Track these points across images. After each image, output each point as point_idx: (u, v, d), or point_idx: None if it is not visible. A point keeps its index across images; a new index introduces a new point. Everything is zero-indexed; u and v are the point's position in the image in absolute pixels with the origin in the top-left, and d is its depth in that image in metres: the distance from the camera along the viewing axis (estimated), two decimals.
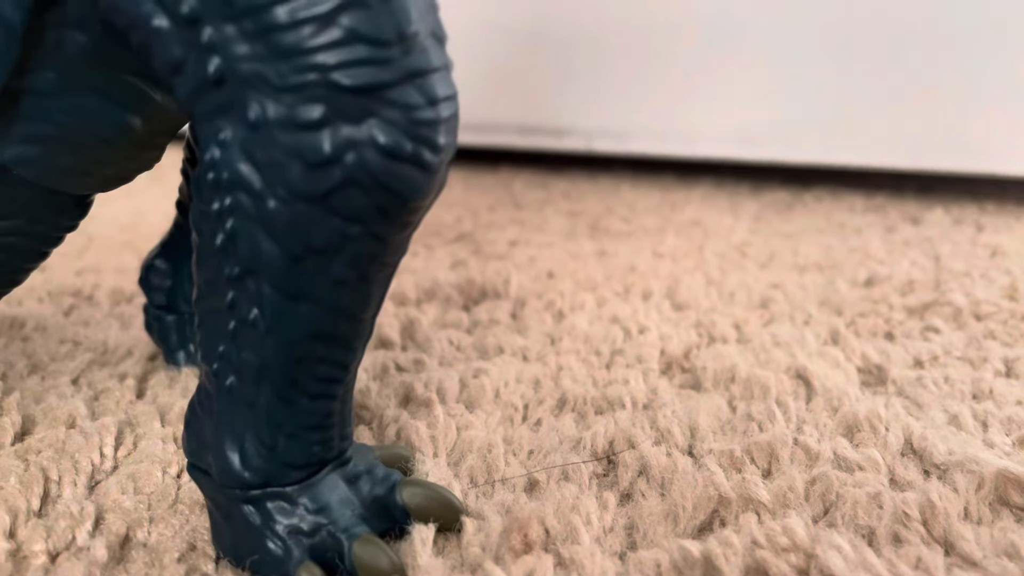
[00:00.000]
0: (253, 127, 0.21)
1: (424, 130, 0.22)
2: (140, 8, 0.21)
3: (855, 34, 0.64)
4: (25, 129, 0.27)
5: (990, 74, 0.62)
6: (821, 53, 0.66)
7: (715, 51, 0.69)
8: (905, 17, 0.63)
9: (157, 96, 0.27)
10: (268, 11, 0.20)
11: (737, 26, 0.67)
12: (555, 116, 0.74)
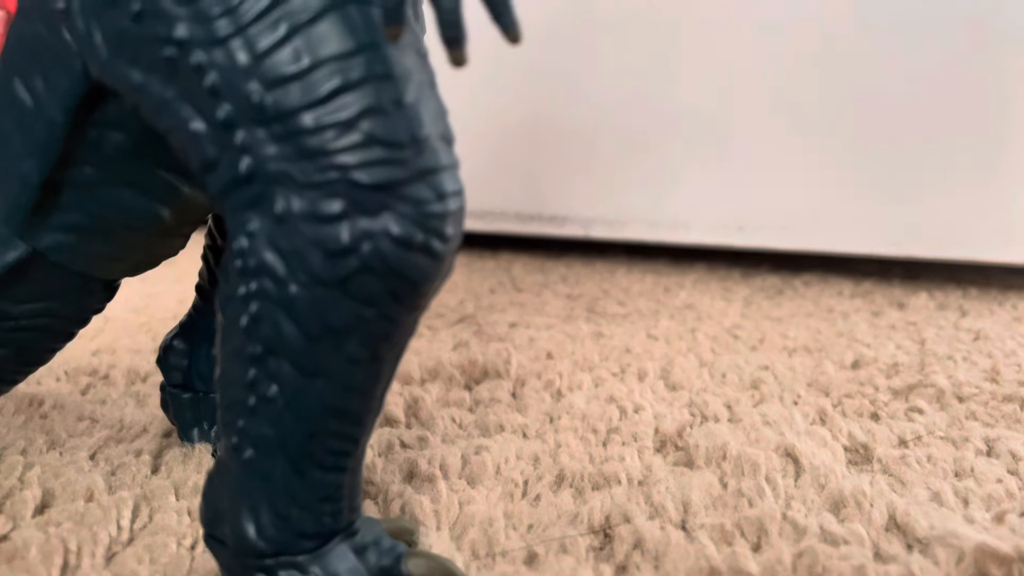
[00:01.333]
0: (279, 219, 0.23)
1: (433, 222, 0.24)
2: (181, 114, 0.24)
3: (842, 128, 0.68)
4: (63, 219, 0.29)
5: (972, 165, 0.65)
6: (809, 145, 0.69)
7: (706, 143, 0.72)
8: (890, 111, 0.66)
9: (185, 189, 0.30)
10: (296, 117, 0.23)
11: (728, 119, 0.71)
12: (553, 204, 0.76)
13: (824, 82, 0.67)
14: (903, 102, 0.66)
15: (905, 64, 0.65)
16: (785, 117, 0.69)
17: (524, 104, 0.74)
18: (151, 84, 0.24)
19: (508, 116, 0.74)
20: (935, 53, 0.64)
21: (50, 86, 0.27)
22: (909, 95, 0.65)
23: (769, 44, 0.68)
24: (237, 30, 0.23)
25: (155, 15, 0.23)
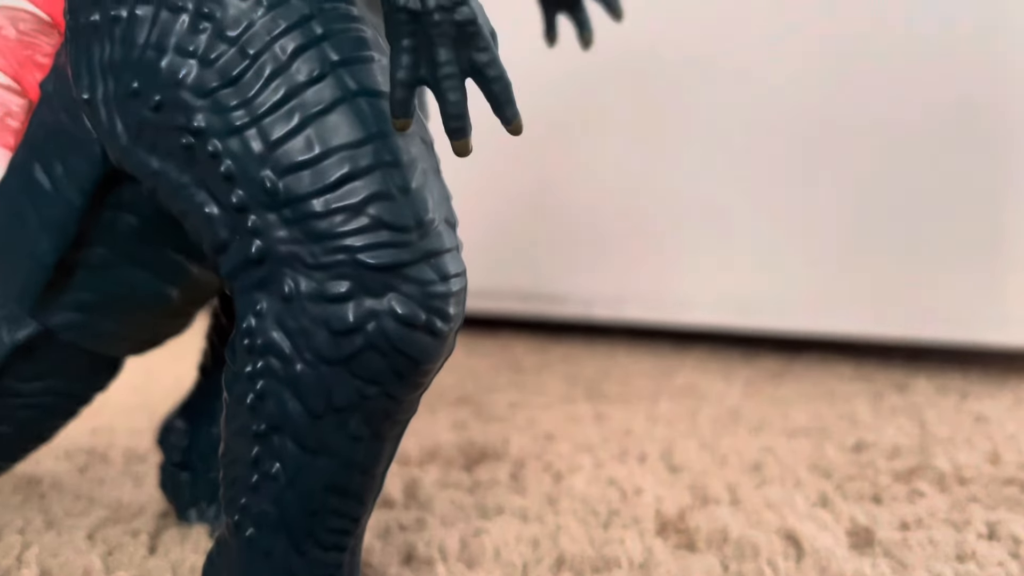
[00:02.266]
0: (286, 299, 0.24)
1: (437, 302, 0.25)
2: (196, 198, 0.25)
3: (843, 211, 0.69)
4: (74, 297, 0.30)
5: (972, 249, 0.66)
6: (810, 228, 0.70)
7: (707, 224, 0.73)
8: (891, 196, 0.67)
9: (193, 269, 0.31)
10: (306, 202, 0.24)
11: (728, 201, 0.72)
12: (554, 283, 0.77)
13: (825, 166, 0.69)
14: (904, 187, 0.67)
15: (905, 149, 0.67)
16: (786, 200, 0.71)
17: (525, 185, 0.76)
18: (168, 170, 0.25)
19: (510, 197, 0.76)
20: (933, 137, 0.66)
21: (69, 170, 0.28)
22: (909, 180, 0.67)
23: (771, 129, 0.70)
24: (252, 120, 0.24)
25: (175, 105, 0.24)
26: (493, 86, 0.23)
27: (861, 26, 0.67)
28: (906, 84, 0.66)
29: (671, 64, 0.71)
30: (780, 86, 0.69)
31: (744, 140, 0.71)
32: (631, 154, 0.74)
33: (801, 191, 0.70)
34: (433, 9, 0.22)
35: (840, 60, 0.68)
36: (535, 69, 0.52)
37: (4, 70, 0.31)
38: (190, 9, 0.25)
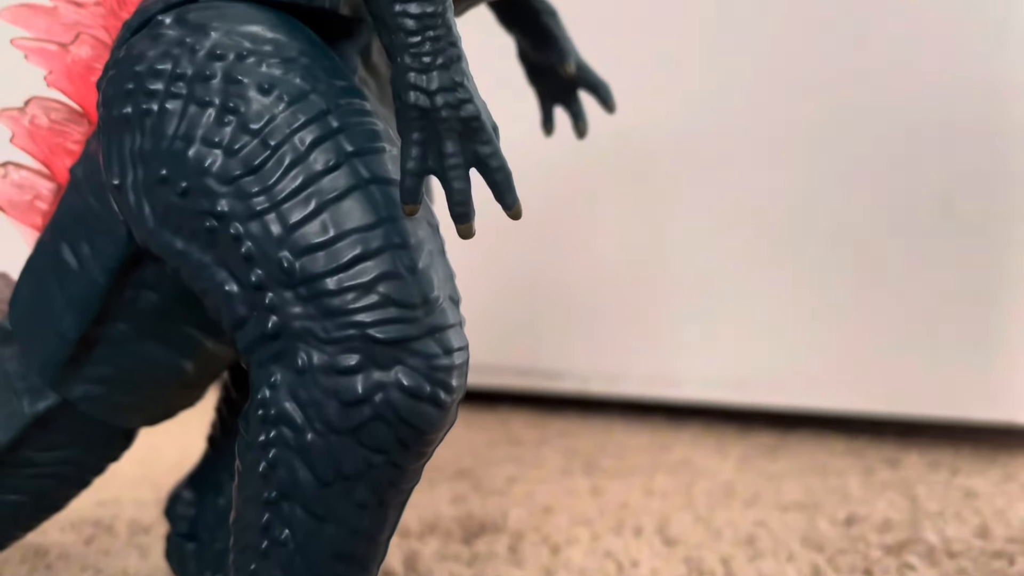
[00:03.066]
0: (300, 372, 0.26)
1: (440, 374, 0.26)
2: (216, 277, 0.26)
3: (835, 288, 0.71)
4: (93, 371, 0.31)
5: (963, 327, 0.67)
6: (802, 305, 0.72)
7: (701, 301, 0.75)
8: (883, 275, 0.69)
9: (208, 344, 0.32)
10: (321, 281, 0.25)
11: (722, 279, 0.74)
12: (551, 359, 0.79)
13: (816, 246, 0.71)
14: (894, 266, 0.69)
15: (895, 228, 0.69)
16: (778, 279, 0.72)
17: (524, 266, 0.78)
18: (192, 250, 0.27)
19: (509, 277, 0.78)
20: (923, 217, 0.68)
21: (95, 250, 0.30)
22: (900, 259, 0.69)
23: (762, 209, 0.72)
24: (272, 205, 0.26)
25: (200, 191, 0.26)
26: (495, 176, 0.25)
27: (849, 110, 0.69)
28: (895, 165, 0.69)
29: (663, 148, 0.74)
30: (771, 166, 0.72)
31: (736, 219, 0.73)
32: (625, 235, 0.76)
33: (793, 270, 0.72)
34: (441, 107, 0.25)
35: (830, 142, 0.70)
36: (534, 156, 0.55)
37: (35, 155, 0.34)
38: (216, 104, 0.27)
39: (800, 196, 0.71)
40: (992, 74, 0.66)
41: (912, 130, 0.68)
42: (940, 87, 0.67)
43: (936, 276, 0.68)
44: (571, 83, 0.42)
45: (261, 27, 0.28)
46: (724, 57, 0.71)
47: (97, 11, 0.33)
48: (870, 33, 0.68)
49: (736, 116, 0.72)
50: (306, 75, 0.27)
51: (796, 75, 0.70)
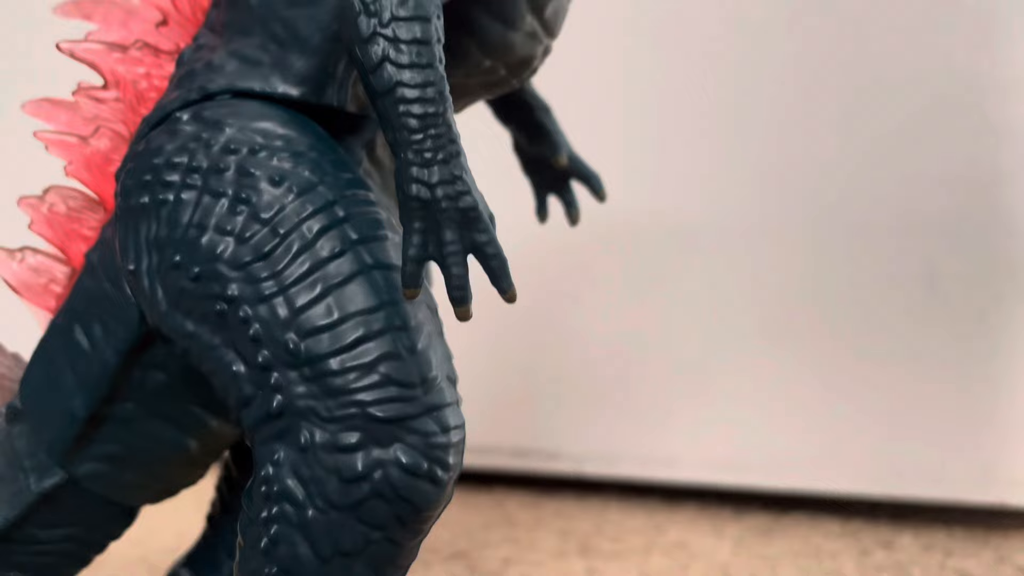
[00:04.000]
0: (302, 449, 0.27)
1: (438, 452, 0.27)
2: (225, 358, 0.28)
3: (828, 371, 0.72)
4: (100, 449, 0.32)
5: (955, 410, 0.68)
6: (795, 388, 0.72)
7: (694, 383, 0.76)
8: (877, 355, 0.70)
9: (213, 423, 0.33)
10: (324, 361, 0.27)
11: (715, 361, 0.75)
12: (547, 440, 0.79)
13: (809, 330, 0.72)
14: (888, 351, 0.70)
15: (888, 312, 0.70)
16: (771, 362, 0.73)
17: (519, 346, 0.79)
18: (202, 332, 0.28)
19: (504, 357, 0.79)
20: (915, 300, 0.69)
21: (107, 332, 0.31)
22: (894, 344, 0.70)
23: (755, 291, 0.74)
24: (280, 290, 0.27)
25: (212, 277, 0.28)
26: (491, 262, 0.27)
27: (837, 193, 0.71)
28: (882, 246, 0.70)
29: (656, 232, 0.76)
30: (763, 249, 0.73)
31: (729, 301, 0.75)
32: (619, 317, 0.77)
33: (786, 353, 0.73)
34: (441, 198, 0.26)
35: (820, 225, 0.72)
36: (529, 243, 0.57)
37: (52, 241, 0.35)
38: (229, 195, 0.28)
39: (793, 278, 0.73)
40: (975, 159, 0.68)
41: (898, 213, 0.70)
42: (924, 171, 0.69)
43: (927, 358, 0.69)
44: (564, 174, 0.44)
45: (273, 123, 0.30)
46: (715, 142, 0.74)
47: (117, 106, 0.35)
48: (856, 119, 0.70)
49: (727, 200, 0.74)
50: (315, 168, 0.29)
51: (786, 160, 0.72)
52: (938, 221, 0.69)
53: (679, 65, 0.72)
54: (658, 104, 0.74)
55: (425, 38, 0.26)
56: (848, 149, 0.71)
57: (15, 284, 0.35)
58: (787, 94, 0.71)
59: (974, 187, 0.68)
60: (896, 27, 0.67)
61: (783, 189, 0.73)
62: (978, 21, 0.66)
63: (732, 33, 0.71)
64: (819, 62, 0.70)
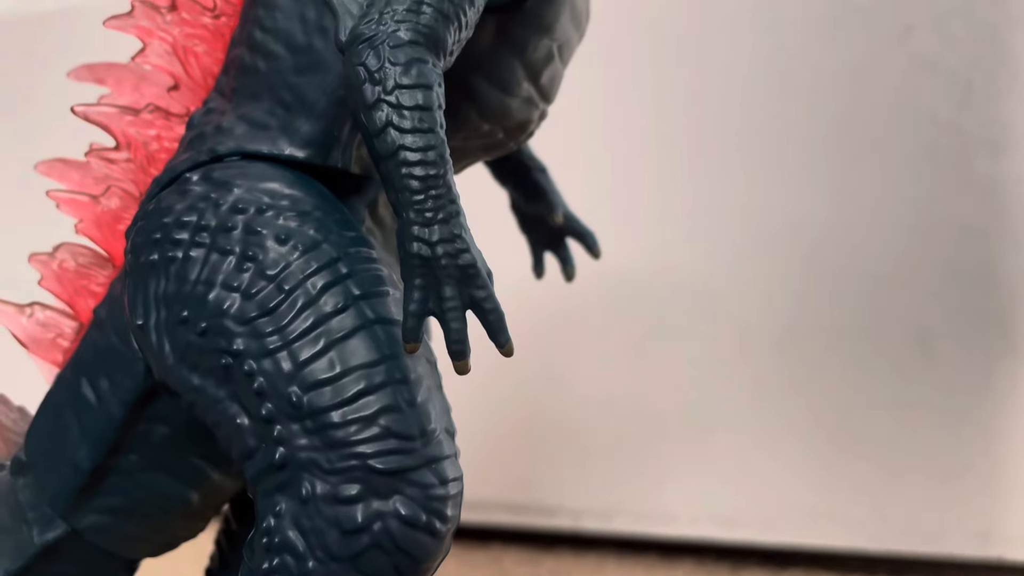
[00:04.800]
0: (303, 501, 0.27)
1: (436, 504, 0.28)
2: (229, 411, 0.28)
3: (825, 426, 0.72)
4: (103, 501, 0.33)
5: (952, 465, 0.68)
6: (793, 444, 0.73)
7: (691, 439, 0.76)
8: (871, 413, 0.71)
9: (214, 475, 0.34)
10: (326, 414, 0.27)
11: (710, 415, 0.75)
12: (543, 495, 0.79)
13: (804, 384, 0.73)
14: (883, 406, 0.70)
15: (881, 366, 0.71)
16: (767, 416, 0.74)
17: (516, 401, 0.80)
18: (207, 386, 0.29)
19: (502, 412, 0.79)
20: (910, 355, 0.70)
21: (114, 385, 0.32)
22: (889, 399, 0.70)
23: (751, 347, 0.74)
24: (284, 344, 0.28)
25: (218, 331, 0.29)
26: (489, 317, 0.28)
27: (829, 250, 0.73)
28: (876, 304, 0.71)
29: (649, 289, 0.77)
30: (756, 307, 0.74)
31: (725, 357, 0.75)
32: (615, 372, 0.78)
33: (782, 409, 0.74)
34: (441, 256, 0.27)
35: (814, 283, 0.73)
36: (525, 298, 0.58)
37: (60, 296, 0.36)
38: (237, 252, 0.29)
39: (787, 334, 0.74)
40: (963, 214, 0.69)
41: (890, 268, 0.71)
42: (915, 226, 0.70)
43: (923, 414, 0.69)
44: (560, 231, 0.45)
45: (279, 184, 0.31)
46: (707, 200, 0.75)
47: (127, 167, 0.36)
48: (846, 176, 0.72)
49: (720, 257, 0.75)
50: (319, 227, 0.30)
51: (779, 216, 0.73)
52: (930, 276, 0.70)
53: (671, 125, 0.74)
54: (650, 163, 0.75)
55: (427, 104, 0.27)
56: (839, 206, 0.72)
57: (23, 339, 0.36)
58: (778, 151, 0.73)
59: (964, 242, 0.69)
60: (883, 85, 0.69)
61: (776, 245, 0.74)
62: (961, 79, 0.68)
63: (722, 92, 0.73)
64: (809, 120, 0.71)
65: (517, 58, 0.33)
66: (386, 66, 0.27)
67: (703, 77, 0.73)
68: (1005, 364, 0.67)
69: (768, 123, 0.72)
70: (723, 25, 0.72)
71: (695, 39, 0.73)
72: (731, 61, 0.72)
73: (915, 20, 0.69)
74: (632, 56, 0.73)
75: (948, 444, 0.68)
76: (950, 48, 0.68)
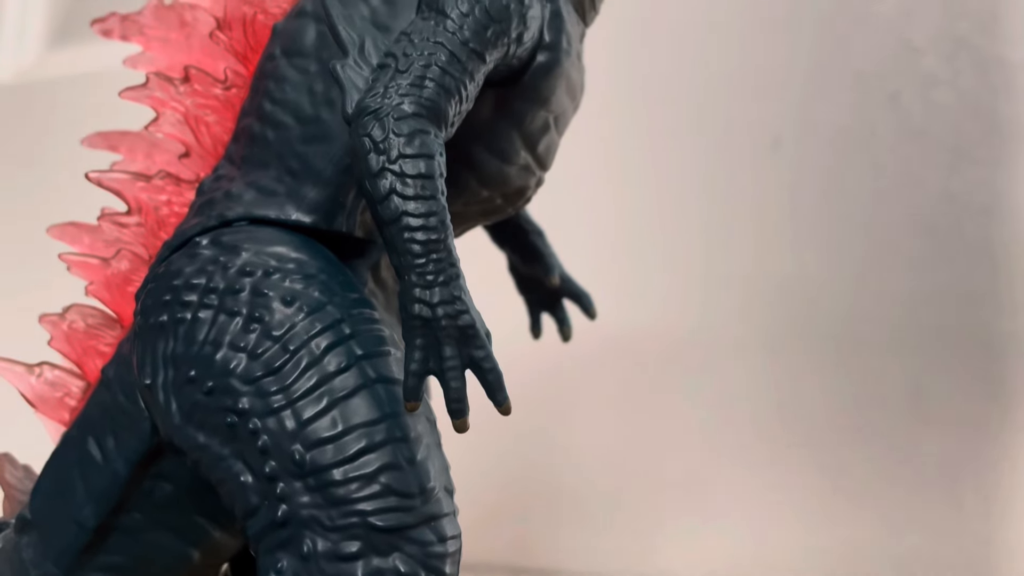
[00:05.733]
0: (304, 558, 0.28)
1: (435, 561, 0.28)
2: (233, 469, 0.29)
3: (819, 485, 0.72)
4: (106, 559, 0.33)
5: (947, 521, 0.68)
6: (791, 502, 0.73)
7: (689, 499, 0.76)
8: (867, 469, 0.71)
9: (216, 534, 0.34)
10: (328, 472, 0.28)
11: (709, 477, 0.75)
12: (542, 556, 0.78)
13: (802, 440, 0.73)
14: (879, 464, 0.71)
15: (877, 427, 0.71)
16: (764, 474, 0.74)
17: (514, 460, 0.80)
18: (212, 444, 0.30)
19: (499, 471, 0.79)
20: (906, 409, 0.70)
21: (120, 444, 0.33)
22: (884, 456, 0.71)
23: (744, 403, 0.75)
24: (288, 403, 0.29)
25: (224, 390, 0.30)
26: (488, 376, 0.29)
27: (824, 311, 0.73)
28: (869, 364, 0.72)
29: (644, 348, 0.78)
30: (751, 365, 0.75)
31: (719, 416, 0.76)
32: (612, 431, 0.78)
33: (778, 466, 0.74)
34: (441, 317, 0.28)
35: (808, 342, 0.74)
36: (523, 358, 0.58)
37: (69, 356, 0.37)
38: (244, 313, 0.30)
39: (782, 392, 0.74)
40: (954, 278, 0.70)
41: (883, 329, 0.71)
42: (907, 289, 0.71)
43: (918, 476, 0.69)
44: (556, 293, 0.46)
45: (286, 248, 0.32)
46: (703, 260, 0.76)
47: (138, 230, 0.37)
48: (840, 238, 0.73)
49: (715, 317, 0.76)
50: (324, 289, 0.31)
51: (773, 276, 0.74)
52: (923, 339, 0.71)
53: (666, 185, 0.76)
54: (646, 224, 0.77)
55: (429, 173, 0.29)
56: (833, 269, 0.73)
57: (31, 398, 0.37)
58: (772, 213, 0.75)
59: (956, 305, 0.70)
60: (873, 151, 0.71)
61: (771, 305, 0.75)
62: (949, 146, 0.70)
63: (718, 153, 0.74)
64: (803, 182, 0.73)
65: (515, 129, 0.35)
66: (390, 137, 0.28)
67: (696, 142, 0.74)
68: (998, 425, 0.68)
69: (762, 187, 0.73)
70: (713, 89, 0.74)
71: (687, 103, 0.75)
72: (723, 125, 0.74)
73: (901, 87, 0.71)
74: (625, 123, 0.76)
75: (943, 504, 0.68)
76: (936, 115, 0.70)
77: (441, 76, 0.30)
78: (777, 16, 0.74)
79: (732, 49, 0.75)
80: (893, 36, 0.72)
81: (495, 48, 0.31)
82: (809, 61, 0.73)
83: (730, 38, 0.75)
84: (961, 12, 0.71)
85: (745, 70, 0.74)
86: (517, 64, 0.34)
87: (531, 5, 0.33)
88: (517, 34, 0.32)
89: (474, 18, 0.31)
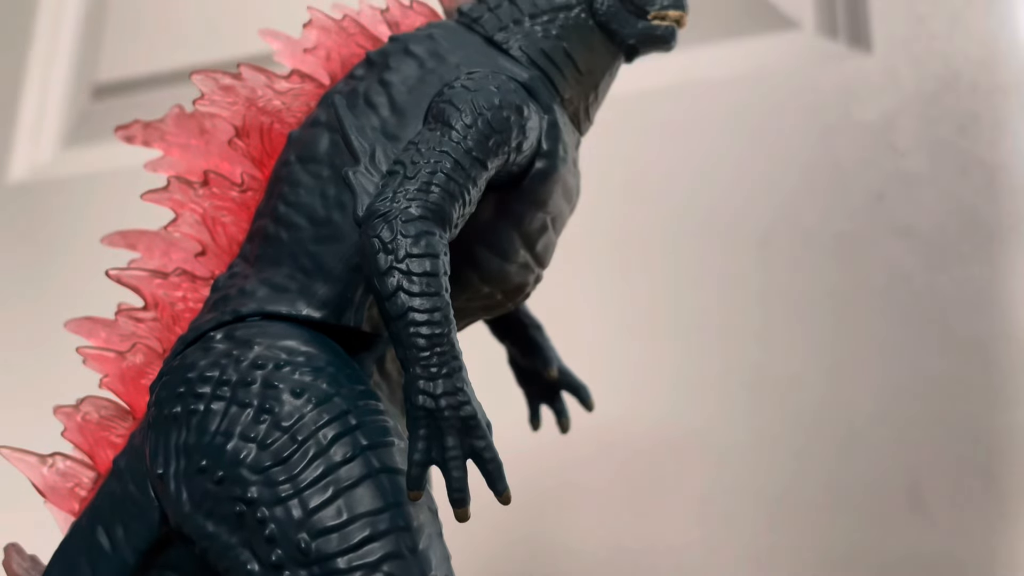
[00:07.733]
0: None
1: None
2: (240, 557, 0.30)
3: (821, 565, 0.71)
4: None
5: None
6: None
7: None
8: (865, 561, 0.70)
9: None
10: (333, 560, 0.29)
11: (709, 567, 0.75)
12: None
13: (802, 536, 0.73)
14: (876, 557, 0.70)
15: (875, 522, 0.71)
16: (764, 571, 0.73)
17: (514, 547, 0.79)
18: (221, 533, 0.31)
19: (500, 560, 0.79)
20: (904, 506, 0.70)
21: (129, 533, 0.34)
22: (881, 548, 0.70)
23: (744, 498, 0.75)
24: (295, 492, 0.30)
25: (234, 480, 0.31)
26: (488, 466, 0.30)
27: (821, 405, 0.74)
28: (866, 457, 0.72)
29: (641, 441, 0.79)
30: (749, 459, 0.75)
31: (719, 510, 0.76)
32: (610, 523, 0.78)
33: (780, 564, 0.73)
34: (444, 408, 0.29)
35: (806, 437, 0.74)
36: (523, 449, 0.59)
37: (81, 447, 0.38)
38: (255, 405, 0.32)
39: (781, 486, 0.74)
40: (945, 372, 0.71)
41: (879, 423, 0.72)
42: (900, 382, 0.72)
43: (915, 569, 0.69)
44: (555, 385, 0.48)
45: (296, 342, 0.34)
46: (701, 355, 0.77)
47: (153, 325, 0.39)
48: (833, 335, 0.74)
49: (713, 412, 0.77)
50: (331, 381, 0.32)
51: (770, 371, 0.75)
52: (918, 433, 0.71)
53: (661, 283, 0.78)
54: (643, 320, 0.78)
55: (434, 271, 0.30)
56: (828, 362, 0.75)
57: (42, 488, 0.37)
58: (768, 310, 0.76)
59: (949, 398, 0.71)
60: (862, 248, 0.73)
61: (767, 400, 0.76)
62: (933, 244, 0.72)
63: (714, 253, 0.76)
64: (797, 280, 0.75)
65: (515, 229, 0.37)
66: (398, 238, 0.30)
67: (687, 241, 0.77)
68: (993, 516, 0.68)
69: (757, 281, 0.75)
70: (703, 190, 0.77)
71: (691, 207, 0.77)
72: (709, 224, 0.76)
73: (886, 189, 0.74)
74: (628, 220, 0.78)
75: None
76: (920, 214, 0.72)
77: (446, 182, 0.32)
78: (766, 123, 0.77)
79: (720, 149, 0.78)
80: (877, 139, 0.75)
81: (496, 156, 0.34)
82: (797, 163, 0.76)
83: (718, 138, 0.78)
84: (942, 116, 0.75)
85: (742, 176, 0.77)
86: (517, 170, 0.36)
87: (530, 117, 0.35)
88: (517, 143, 0.34)
89: (477, 129, 0.33)
